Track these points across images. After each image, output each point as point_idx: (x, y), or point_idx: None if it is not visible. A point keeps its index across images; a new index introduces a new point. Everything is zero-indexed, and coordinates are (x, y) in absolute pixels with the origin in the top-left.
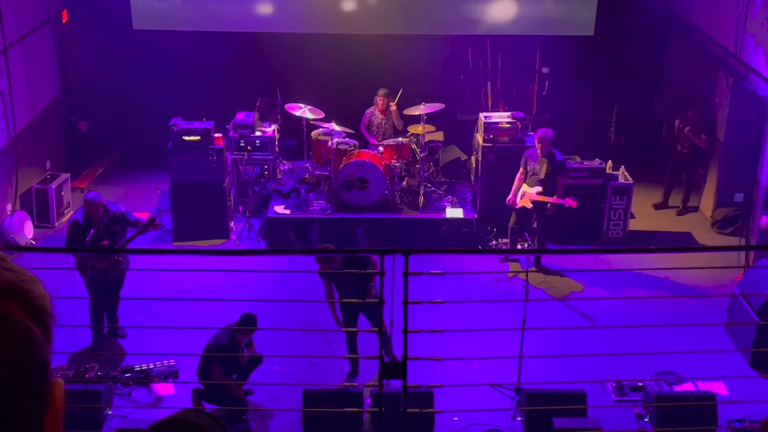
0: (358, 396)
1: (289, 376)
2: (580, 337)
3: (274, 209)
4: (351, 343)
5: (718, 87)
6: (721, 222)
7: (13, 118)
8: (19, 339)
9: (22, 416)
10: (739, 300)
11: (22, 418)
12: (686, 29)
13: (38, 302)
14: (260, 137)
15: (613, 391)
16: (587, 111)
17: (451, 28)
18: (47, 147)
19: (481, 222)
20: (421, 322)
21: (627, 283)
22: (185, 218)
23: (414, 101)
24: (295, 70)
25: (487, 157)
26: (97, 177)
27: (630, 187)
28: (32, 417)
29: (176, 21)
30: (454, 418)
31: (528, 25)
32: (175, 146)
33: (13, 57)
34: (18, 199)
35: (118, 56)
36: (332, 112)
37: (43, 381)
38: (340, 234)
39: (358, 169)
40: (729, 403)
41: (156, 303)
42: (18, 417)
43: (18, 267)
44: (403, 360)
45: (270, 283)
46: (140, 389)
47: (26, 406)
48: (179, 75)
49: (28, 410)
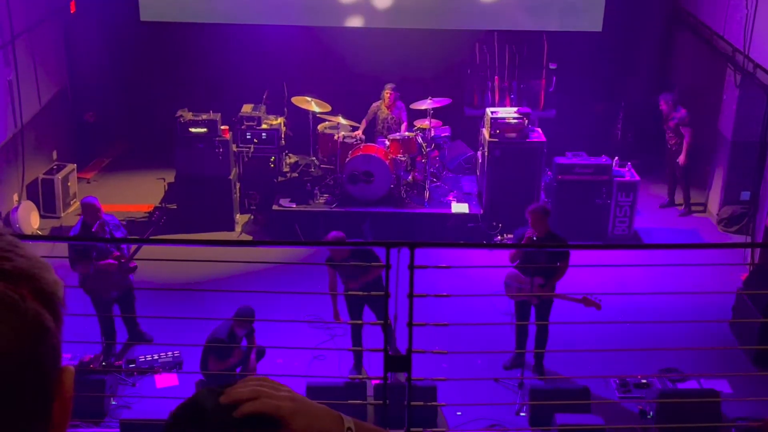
0: (362, 389)
1: (293, 369)
2: (584, 333)
3: (280, 202)
4: (355, 336)
5: (726, 84)
6: (727, 220)
7: (20, 109)
8: (30, 325)
9: (32, 402)
10: (744, 298)
11: (32, 405)
12: (694, 26)
13: (50, 289)
14: (266, 130)
15: (617, 387)
16: (594, 107)
17: (459, 22)
18: (54, 137)
19: (487, 217)
20: (426, 316)
21: (631, 280)
22: (191, 210)
23: (421, 96)
24: (302, 63)
25: (494, 152)
26: (104, 168)
27: (636, 184)
28: (42, 403)
29: (183, 13)
30: (457, 412)
31: (536, 20)
32: (181, 138)
33: (20, 47)
34: (25, 189)
35: (125, 47)
36: (339, 105)
37: (54, 367)
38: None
39: (364, 162)
40: (733, 401)
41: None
42: (28, 403)
43: (31, 253)
44: (408, 353)
45: (275, 274)
46: (144, 379)
47: (36, 393)
48: (186, 67)
49: (38, 396)
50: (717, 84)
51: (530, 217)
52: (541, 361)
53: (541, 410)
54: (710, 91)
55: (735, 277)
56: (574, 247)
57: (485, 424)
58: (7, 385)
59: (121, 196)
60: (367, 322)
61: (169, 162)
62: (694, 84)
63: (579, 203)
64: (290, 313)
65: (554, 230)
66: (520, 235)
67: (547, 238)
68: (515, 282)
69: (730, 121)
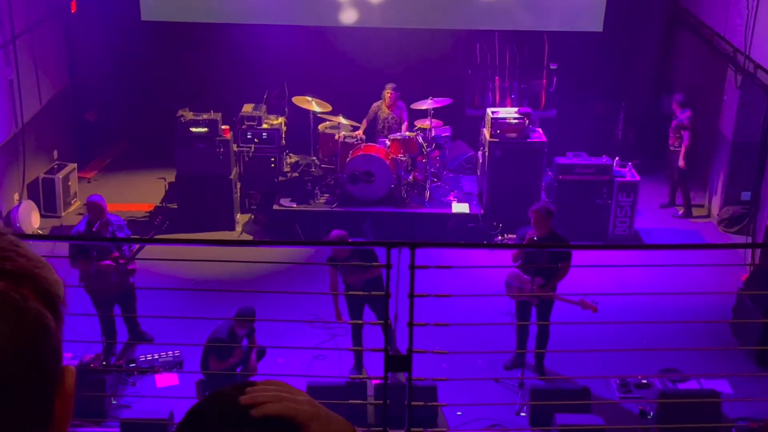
0: (363, 388)
1: (293, 369)
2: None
3: (280, 202)
4: (356, 335)
5: (727, 84)
6: (727, 220)
7: (21, 108)
8: (32, 324)
9: (34, 402)
10: (744, 298)
11: (33, 404)
12: (695, 26)
13: (52, 289)
14: (267, 130)
15: (618, 387)
16: (595, 107)
17: (460, 22)
18: (55, 137)
19: (487, 217)
20: (427, 316)
21: (632, 280)
22: (191, 210)
23: (422, 95)
24: (303, 62)
25: (494, 152)
26: (104, 167)
27: (637, 185)
28: (43, 402)
29: (184, 12)
30: (457, 412)
31: (537, 20)
32: (182, 138)
33: (21, 46)
34: (25, 188)
35: (126, 47)
36: (339, 105)
37: (55, 367)
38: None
39: (364, 162)
40: (733, 402)
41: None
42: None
43: (32, 253)
44: (408, 353)
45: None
46: (145, 379)
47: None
48: (187, 66)
49: (39, 396)
50: (718, 84)
51: (533, 216)
52: (542, 361)
53: (541, 410)
54: (711, 92)
55: (735, 277)
56: (575, 247)
57: (485, 424)
58: (8, 385)
59: (121, 195)
60: (367, 321)
61: (170, 162)
62: (695, 84)
63: (579, 203)
64: (291, 313)
65: (557, 231)
66: (522, 235)
67: (549, 238)
68: (516, 281)
69: (731, 122)
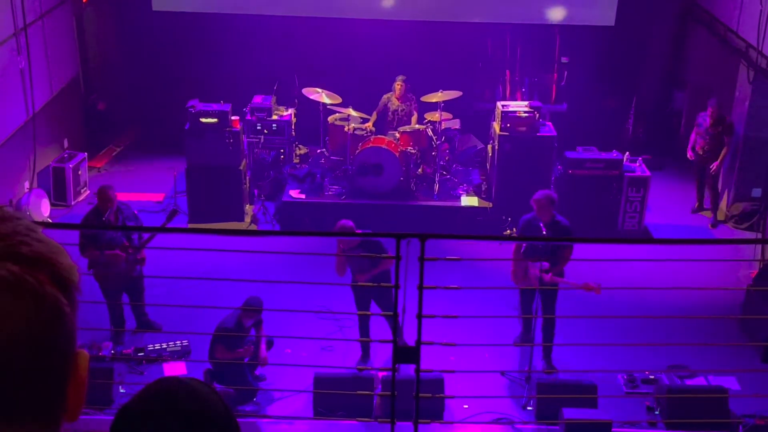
0: (370, 380)
1: (301, 360)
2: (592, 328)
3: (289, 193)
4: (363, 327)
5: (739, 80)
6: (738, 217)
7: (32, 97)
8: (48, 309)
9: (49, 385)
10: (753, 295)
11: (48, 387)
12: (707, 21)
13: (66, 274)
14: (277, 121)
15: (625, 383)
16: (606, 102)
17: (471, 15)
18: (65, 126)
19: (496, 211)
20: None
21: (640, 276)
22: (201, 200)
23: (432, 88)
24: (313, 54)
25: (504, 146)
26: (114, 156)
27: (647, 180)
28: (57, 386)
29: (195, 3)
30: (464, 405)
31: (548, 14)
32: (192, 128)
33: (32, 35)
34: (36, 177)
35: (137, 36)
36: (349, 97)
37: (69, 351)
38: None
39: (374, 155)
40: (740, 398)
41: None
42: (44, 386)
43: (48, 238)
44: (417, 345)
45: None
46: (152, 368)
47: (52, 376)
48: (197, 57)
49: (53, 380)
50: (730, 80)
51: (534, 205)
52: (549, 355)
53: (548, 404)
54: (723, 87)
55: (745, 273)
56: (582, 241)
57: (492, 418)
58: (23, 368)
59: (131, 185)
60: (375, 313)
61: (180, 152)
62: (707, 80)
63: (589, 198)
64: (299, 304)
65: (558, 218)
66: (524, 221)
67: (551, 224)
68: (521, 267)
69: (743, 118)
